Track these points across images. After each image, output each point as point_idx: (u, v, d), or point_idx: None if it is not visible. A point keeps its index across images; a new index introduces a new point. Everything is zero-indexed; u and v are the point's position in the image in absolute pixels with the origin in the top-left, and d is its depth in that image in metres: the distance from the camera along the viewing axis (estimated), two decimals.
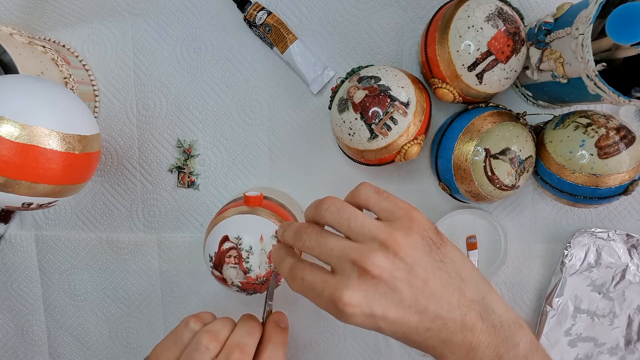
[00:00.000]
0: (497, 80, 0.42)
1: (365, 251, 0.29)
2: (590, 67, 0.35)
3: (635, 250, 0.52)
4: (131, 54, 0.53)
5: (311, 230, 0.32)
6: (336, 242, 0.30)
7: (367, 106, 0.42)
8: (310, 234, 0.32)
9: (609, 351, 0.53)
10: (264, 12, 0.49)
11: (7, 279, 0.58)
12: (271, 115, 0.53)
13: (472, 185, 0.44)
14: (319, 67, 0.50)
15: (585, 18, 0.36)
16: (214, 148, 0.54)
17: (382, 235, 0.29)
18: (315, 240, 0.31)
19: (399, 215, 0.30)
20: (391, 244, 0.29)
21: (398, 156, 0.44)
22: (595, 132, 0.41)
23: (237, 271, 0.41)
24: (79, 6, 0.51)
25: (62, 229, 0.57)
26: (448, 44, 0.41)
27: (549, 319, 0.53)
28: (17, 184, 0.37)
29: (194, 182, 0.54)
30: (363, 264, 0.28)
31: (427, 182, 0.53)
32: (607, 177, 0.41)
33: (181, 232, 0.56)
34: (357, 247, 0.29)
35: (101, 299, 0.58)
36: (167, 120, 0.53)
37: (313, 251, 0.32)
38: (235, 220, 0.42)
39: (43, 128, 0.37)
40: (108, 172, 0.55)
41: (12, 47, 0.42)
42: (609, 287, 0.52)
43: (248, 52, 0.52)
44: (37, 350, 0.60)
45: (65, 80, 0.47)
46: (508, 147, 0.43)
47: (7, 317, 0.60)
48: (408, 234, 0.29)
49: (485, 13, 0.41)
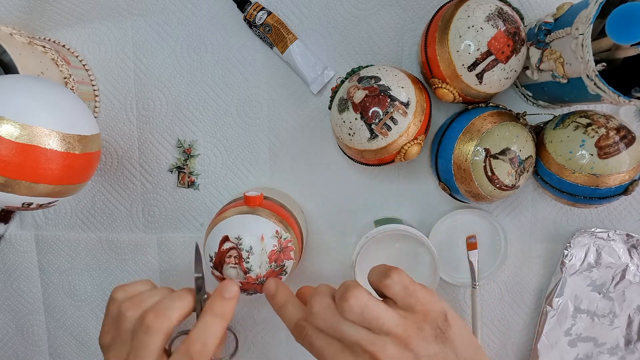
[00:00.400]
0: (497, 80, 0.42)
1: (381, 344, 0.32)
2: (590, 67, 0.35)
3: (635, 250, 0.52)
4: (131, 54, 0.53)
5: (327, 313, 0.34)
6: (352, 329, 0.32)
7: (367, 106, 0.42)
8: (326, 316, 0.33)
9: (609, 351, 0.53)
10: (264, 12, 0.49)
11: (7, 279, 0.58)
12: (271, 115, 0.53)
13: (472, 185, 0.44)
14: (319, 67, 0.50)
15: (585, 18, 0.36)
16: (214, 148, 0.54)
17: (398, 331, 0.32)
18: (330, 323, 0.33)
19: (416, 311, 0.33)
20: (405, 339, 0.32)
21: (398, 156, 0.44)
22: (595, 132, 0.41)
23: (237, 271, 0.41)
24: (79, 6, 0.51)
25: (62, 229, 0.57)
26: (448, 44, 0.41)
27: (549, 319, 0.53)
28: (17, 184, 0.37)
29: (194, 182, 0.54)
30: (376, 355, 0.31)
31: (427, 182, 0.53)
32: (607, 177, 0.41)
33: (181, 232, 0.56)
34: (374, 340, 0.32)
35: (101, 299, 0.58)
36: (167, 120, 0.53)
37: (327, 331, 0.33)
38: (235, 220, 0.42)
39: (43, 128, 0.37)
40: (108, 172, 0.55)
41: (12, 47, 0.42)
42: (609, 287, 0.52)
43: (248, 52, 0.52)
44: (37, 350, 0.60)
45: (65, 80, 0.47)
46: (508, 147, 0.43)
47: (7, 317, 0.60)
48: (421, 328, 0.32)
49: (485, 13, 0.41)
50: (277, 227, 0.42)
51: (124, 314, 0.35)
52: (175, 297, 0.37)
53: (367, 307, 0.32)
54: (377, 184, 0.53)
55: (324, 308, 0.34)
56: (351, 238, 0.54)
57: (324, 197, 0.54)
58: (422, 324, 0.32)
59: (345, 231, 0.54)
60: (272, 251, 0.41)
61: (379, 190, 0.53)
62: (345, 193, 0.54)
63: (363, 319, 0.32)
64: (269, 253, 0.41)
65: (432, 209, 0.53)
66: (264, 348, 0.58)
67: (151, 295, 0.37)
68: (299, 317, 0.36)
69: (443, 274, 0.52)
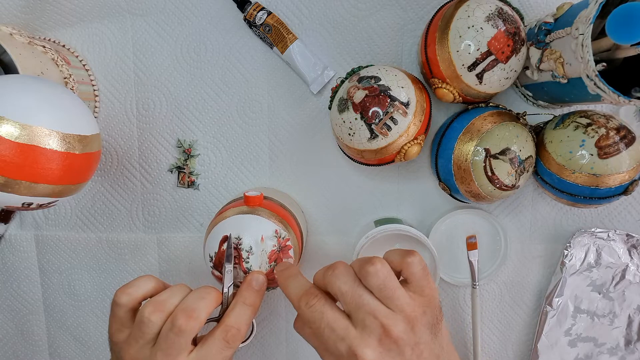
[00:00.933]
0: (497, 80, 0.42)
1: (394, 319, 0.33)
2: (590, 67, 0.35)
3: (635, 250, 0.52)
4: (131, 54, 0.53)
5: (349, 276, 0.35)
6: (371, 299, 0.33)
7: (367, 106, 0.42)
8: (348, 279, 0.34)
9: (609, 351, 0.53)
10: (264, 12, 0.49)
11: (7, 279, 0.58)
12: (271, 115, 0.53)
13: (472, 185, 0.44)
14: (319, 67, 0.50)
15: (585, 18, 0.36)
16: (214, 148, 0.54)
17: (409, 310, 0.33)
18: (352, 287, 0.34)
19: (425, 294, 0.34)
20: (413, 319, 0.33)
21: (398, 156, 0.44)
22: (595, 132, 0.41)
23: (237, 271, 0.41)
24: (79, 6, 0.51)
25: (62, 229, 0.57)
26: (448, 44, 0.41)
27: (549, 319, 0.53)
28: (17, 184, 0.37)
29: (194, 182, 0.54)
30: (389, 329, 0.32)
31: (427, 182, 0.53)
32: (607, 177, 0.41)
33: (181, 232, 0.56)
34: (388, 314, 0.33)
35: (101, 299, 0.58)
36: (167, 120, 0.53)
37: (344, 295, 0.34)
38: (235, 220, 0.42)
39: (43, 128, 0.37)
40: (108, 172, 0.55)
41: (12, 47, 0.42)
42: (609, 287, 0.52)
43: (248, 52, 0.52)
44: (37, 350, 0.60)
45: (65, 80, 0.47)
46: (508, 147, 0.43)
47: (7, 317, 0.60)
48: (426, 313, 0.34)
49: (485, 13, 0.41)
50: (276, 227, 0.42)
51: (149, 318, 0.35)
52: (200, 296, 0.37)
53: (389, 277, 0.34)
54: (377, 184, 0.53)
55: (347, 271, 0.35)
56: (351, 238, 0.54)
57: (324, 197, 0.54)
58: (426, 309, 0.34)
59: (345, 231, 0.54)
60: (272, 251, 0.41)
61: (379, 190, 0.53)
62: (345, 193, 0.54)
63: (384, 286, 0.33)
64: (269, 253, 0.41)
65: (432, 209, 0.53)
66: (264, 348, 0.58)
67: (171, 297, 0.37)
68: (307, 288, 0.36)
69: (443, 274, 0.52)
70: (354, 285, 0.34)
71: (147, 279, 0.39)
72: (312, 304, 0.35)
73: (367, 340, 0.32)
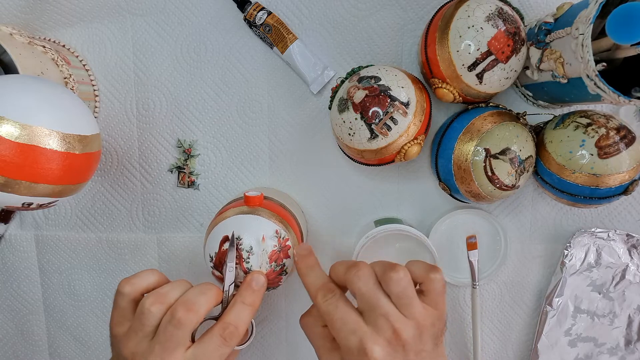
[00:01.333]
0: (497, 80, 0.42)
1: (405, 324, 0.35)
2: (590, 67, 0.35)
3: (635, 250, 0.52)
4: (131, 54, 0.53)
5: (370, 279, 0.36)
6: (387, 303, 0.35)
7: (367, 106, 0.42)
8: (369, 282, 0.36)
9: (609, 351, 0.53)
10: (264, 12, 0.49)
11: (7, 279, 0.58)
12: (271, 115, 0.53)
13: (472, 185, 0.44)
14: (319, 67, 0.50)
15: (585, 18, 0.36)
16: (214, 148, 0.54)
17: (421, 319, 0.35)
18: (371, 289, 0.36)
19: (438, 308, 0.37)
20: (422, 328, 0.35)
21: (398, 156, 0.44)
22: (595, 132, 0.41)
23: (238, 271, 0.41)
24: (79, 6, 0.51)
25: (62, 229, 0.57)
26: (448, 43, 0.41)
27: (549, 319, 0.53)
28: (17, 184, 0.37)
29: (194, 182, 0.54)
30: (399, 332, 0.34)
31: (427, 182, 0.53)
32: (607, 177, 0.41)
33: (181, 232, 0.56)
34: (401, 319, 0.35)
35: (101, 299, 0.58)
36: (167, 120, 0.53)
37: (363, 296, 0.36)
38: (235, 221, 0.42)
39: (43, 128, 0.37)
40: (108, 172, 0.55)
41: (12, 47, 0.42)
42: (609, 287, 0.52)
43: (248, 52, 0.52)
44: (37, 350, 0.60)
45: (65, 80, 0.47)
46: (508, 147, 0.43)
47: (7, 317, 0.60)
48: (434, 325, 0.36)
49: (485, 13, 0.41)
50: (277, 227, 0.42)
51: (149, 309, 0.36)
52: (201, 291, 0.37)
53: (409, 286, 0.35)
54: (377, 184, 0.53)
55: (369, 274, 0.36)
56: (351, 238, 0.54)
57: (324, 197, 0.54)
58: (435, 321, 0.36)
59: (345, 231, 0.54)
60: (272, 251, 0.41)
61: (379, 190, 0.53)
62: (345, 193, 0.54)
63: (403, 294, 0.35)
64: (269, 253, 0.41)
65: (432, 209, 0.53)
66: (264, 348, 0.58)
67: (172, 290, 0.38)
68: (325, 281, 0.38)
69: (443, 274, 0.52)
70: (373, 287, 0.36)
71: (151, 272, 0.40)
72: (328, 298, 0.37)
73: (377, 338, 0.34)
